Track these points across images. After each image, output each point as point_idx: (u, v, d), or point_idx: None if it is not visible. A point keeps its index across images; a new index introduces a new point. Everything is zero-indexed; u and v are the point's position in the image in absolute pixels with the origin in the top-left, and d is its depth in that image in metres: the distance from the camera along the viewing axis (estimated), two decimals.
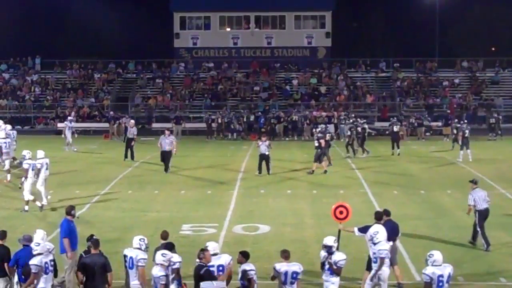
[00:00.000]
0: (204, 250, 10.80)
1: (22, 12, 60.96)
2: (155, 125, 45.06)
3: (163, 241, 11.84)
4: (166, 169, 26.69)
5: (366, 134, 32.72)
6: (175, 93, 50.29)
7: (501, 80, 52.17)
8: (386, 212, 13.59)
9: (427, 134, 42.57)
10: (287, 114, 43.26)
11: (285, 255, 10.89)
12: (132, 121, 32.88)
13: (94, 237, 11.69)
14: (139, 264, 11.15)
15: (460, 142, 30.81)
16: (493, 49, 62.55)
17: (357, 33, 68.31)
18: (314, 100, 48.38)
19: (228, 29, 55.55)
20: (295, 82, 51.73)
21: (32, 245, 11.65)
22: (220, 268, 10.98)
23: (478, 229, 15.98)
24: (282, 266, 10.75)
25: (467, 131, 30.61)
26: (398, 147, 32.40)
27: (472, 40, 61.55)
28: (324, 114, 43.89)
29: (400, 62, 53.41)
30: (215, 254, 11.04)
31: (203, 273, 10.47)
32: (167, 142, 26.69)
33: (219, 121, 41.79)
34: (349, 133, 32.71)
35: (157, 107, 49.07)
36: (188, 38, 55.33)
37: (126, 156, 30.23)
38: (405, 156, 32.21)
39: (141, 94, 50.72)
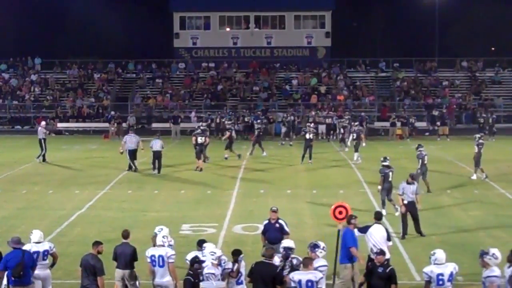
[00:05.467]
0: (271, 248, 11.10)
1: (21, 12, 60.95)
2: (154, 125, 45.05)
3: (124, 240, 12.03)
4: (158, 170, 26.65)
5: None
6: (175, 93, 50.30)
7: (501, 80, 52.20)
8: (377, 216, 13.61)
9: (426, 134, 42.65)
10: (287, 114, 43.14)
11: (304, 263, 10.55)
12: (44, 122, 32.02)
13: (198, 259, 11.08)
14: (170, 260, 11.48)
15: (351, 142, 30.58)
16: (493, 49, 62.59)
17: (357, 33, 68.28)
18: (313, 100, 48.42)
19: (228, 29, 55.55)
20: (294, 82, 51.74)
21: (30, 245, 11.70)
22: None
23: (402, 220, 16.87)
24: (296, 275, 10.45)
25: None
26: (310, 157, 29.36)
27: (471, 40, 61.54)
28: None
29: (399, 62, 53.47)
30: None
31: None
32: (159, 143, 26.73)
33: (218, 121, 41.88)
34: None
35: (157, 107, 49.08)
36: (187, 38, 55.33)
37: (44, 159, 29.77)
38: (405, 156, 32.18)
39: (141, 94, 50.75)
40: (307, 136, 29.47)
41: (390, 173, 19.52)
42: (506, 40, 58.45)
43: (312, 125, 33.55)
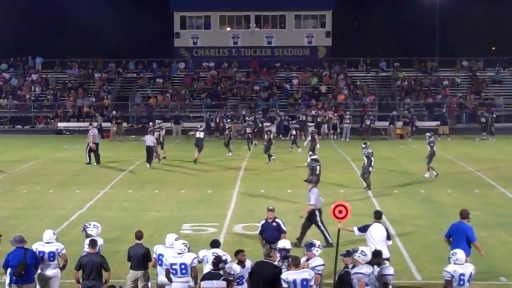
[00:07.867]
0: (273, 249, 10.92)
1: (22, 11, 60.94)
2: None
3: (137, 241, 11.99)
4: (149, 163, 27.96)
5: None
6: (176, 93, 50.31)
7: (502, 79, 52.19)
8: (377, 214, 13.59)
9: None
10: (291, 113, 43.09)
11: (295, 263, 10.38)
12: None
13: (221, 259, 10.95)
14: (193, 265, 11.34)
15: (305, 144, 30.98)
16: (493, 48, 62.53)
17: (358, 33, 68.23)
18: (314, 99, 48.41)
19: (228, 29, 55.55)
20: (295, 81, 51.74)
21: (38, 244, 11.71)
22: (183, 266, 11.08)
23: (322, 226, 16.06)
24: (290, 275, 10.26)
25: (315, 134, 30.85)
26: (298, 147, 30.48)
27: (472, 39, 61.49)
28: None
29: (400, 62, 53.42)
30: (180, 253, 11.18)
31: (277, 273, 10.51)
32: (151, 139, 28.18)
33: (217, 120, 41.92)
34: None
35: (157, 106, 49.10)
36: (188, 37, 55.34)
37: None
38: (406, 155, 32.21)
39: (141, 94, 50.75)
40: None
41: (318, 167, 20.14)
42: (507, 39, 58.44)
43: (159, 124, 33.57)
